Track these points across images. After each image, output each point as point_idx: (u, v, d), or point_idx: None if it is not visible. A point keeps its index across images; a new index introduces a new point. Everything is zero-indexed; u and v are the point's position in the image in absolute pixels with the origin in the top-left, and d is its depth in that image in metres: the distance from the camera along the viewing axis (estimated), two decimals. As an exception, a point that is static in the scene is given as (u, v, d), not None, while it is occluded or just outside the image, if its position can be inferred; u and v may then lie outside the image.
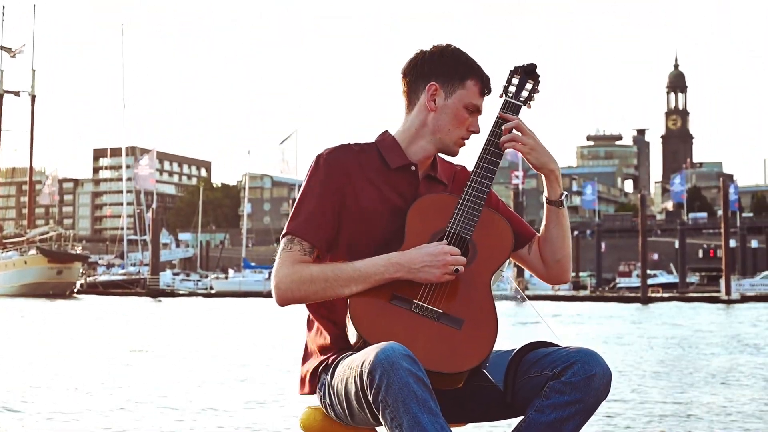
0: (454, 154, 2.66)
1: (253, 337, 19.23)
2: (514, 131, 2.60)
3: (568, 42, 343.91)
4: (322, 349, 2.59)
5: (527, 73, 2.64)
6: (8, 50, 62.51)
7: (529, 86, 2.63)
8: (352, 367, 2.33)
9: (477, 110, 2.62)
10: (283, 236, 2.55)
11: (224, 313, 32.21)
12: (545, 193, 2.68)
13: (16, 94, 63.27)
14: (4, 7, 63.47)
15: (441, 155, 2.70)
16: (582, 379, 2.38)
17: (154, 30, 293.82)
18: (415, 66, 2.64)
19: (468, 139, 2.65)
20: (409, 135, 2.64)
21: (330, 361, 2.53)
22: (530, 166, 2.65)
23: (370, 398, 2.23)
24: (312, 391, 2.61)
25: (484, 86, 2.62)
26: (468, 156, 2.74)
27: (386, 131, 2.69)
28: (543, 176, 2.66)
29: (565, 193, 2.67)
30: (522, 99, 2.63)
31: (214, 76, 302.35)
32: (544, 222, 2.70)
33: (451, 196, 2.59)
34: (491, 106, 2.67)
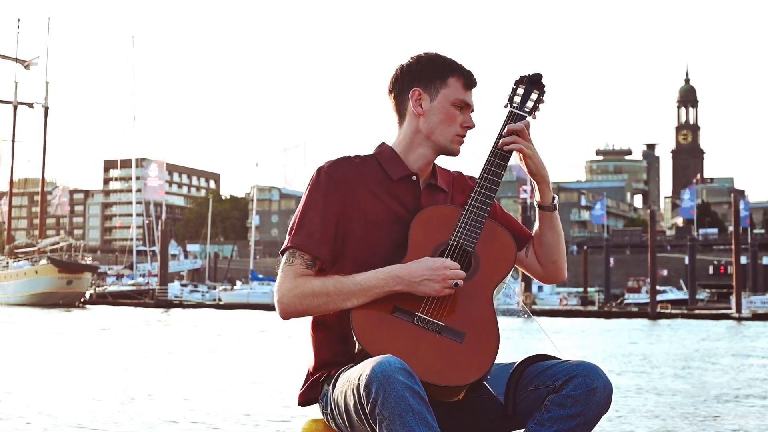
0: (454, 153, 2.64)
1: (258, 349, 19.21)
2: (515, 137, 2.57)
3: (578, 55, 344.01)
4: (324, 362, 2.60)
5: (532, 83, 2.62)
6: (23, 62, 62.84)
7: (534, 96, 2.62)
8: (350, 380, 2.34)
9: (466, 105, 2.61)
10: (285, 250, 2.55)
11: (232, 325, 32.20)
12: (538, 199, 2.68)
13: (30, 105, 63.59)
14: (19, 19, 63.97)
15: (439, 160, 2.69)
16: (583, 392, 2.39)
17: (165, 43, 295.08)
18: (396, 80, 2.64)
19: (464, 135, 2.63)
20: (406, 144, 2.64)
21: (332, 373, 2.54)
22: (526, 171, 2.63)
23: (367, 411, 2.24)
24: (314, 402, 2.62)
25: (467, 80, 2.60)
26: (468, 159, 2.74)
27: (383, 143, 2.69)
28: (535, 183, 2.65)
29: (556, 197, 2.68)
30: (527, 109, 2.61)
31: (224, 89, 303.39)
32: (538, 226, 2.70)
33: (455, 207, 2.59)
34: (495, 117, 2.64)
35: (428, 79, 2.59)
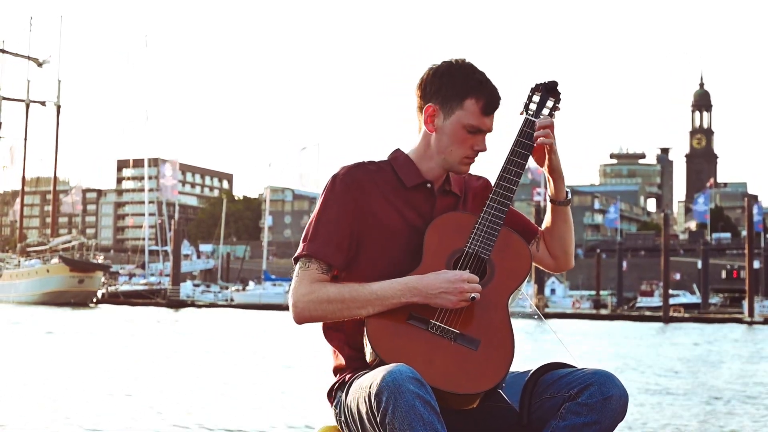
0: (461, 173, 2.62)
1: (269, 351, 19.21)
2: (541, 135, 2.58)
3: (592, 59, 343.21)
4: (339, 368, 2.60)
5: (548, 90, 2.63)
6: (35, 60, 63.20)
7: (550, 104, 2.62)
8: (362, 388, 2.34)
9: (479, 130, 2.56)
10: (301, 257, 2.54)
11: (244, 325, 32.23)
12: (552, 195, 2.70)
13: (42, 104, 63.95)
14: (31, 18, 64.35)
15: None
16: (598, 400, 2.38)
17: (177, 42, 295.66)
18: (422, 85, 2.60)
19: (474, 157, 2.60)
20: (419, 155, 2.63)
21: (346, 380, 2.54)
22: (547, 167, 2.64)
23: (378, 420, 2.24)
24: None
25: (487, 105, 2.54)
26: (483, 166, 2.72)
27: (398, 149, 2.68)
28: (553, 180, 2.67)
29: (569, 191, 2.70)
30: (543, 117, 2.61)
31: (237, 88, 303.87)
32: (551, 220, 2.72)
33: (470, 214, 2.58)
34: (511, 123, 2.63)
35: (445, 97, 2.55)
